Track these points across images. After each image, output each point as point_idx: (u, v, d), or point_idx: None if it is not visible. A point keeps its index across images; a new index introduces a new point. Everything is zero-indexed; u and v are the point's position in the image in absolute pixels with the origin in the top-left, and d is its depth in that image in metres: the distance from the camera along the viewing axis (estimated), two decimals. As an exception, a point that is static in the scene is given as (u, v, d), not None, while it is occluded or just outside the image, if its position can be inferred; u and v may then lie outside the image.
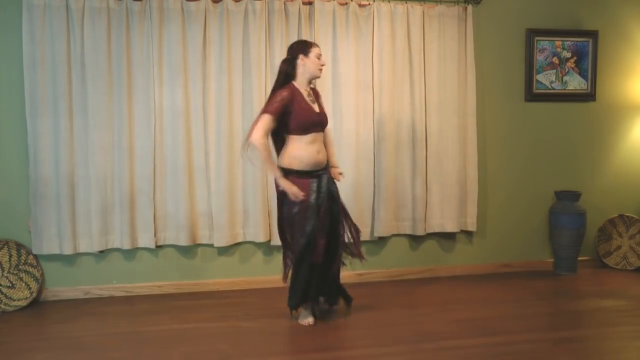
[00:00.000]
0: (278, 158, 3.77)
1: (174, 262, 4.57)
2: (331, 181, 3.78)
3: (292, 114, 3.62)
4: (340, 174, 3.89)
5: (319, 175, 3.69)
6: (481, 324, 3.78)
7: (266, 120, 3.58)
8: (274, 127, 3.64)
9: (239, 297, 4.44)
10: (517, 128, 5.06)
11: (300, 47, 3.71)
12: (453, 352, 3.35)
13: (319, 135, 3.72)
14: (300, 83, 3.72)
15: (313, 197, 3.63)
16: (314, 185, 3.65)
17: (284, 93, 3.62)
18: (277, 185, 3.70)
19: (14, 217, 4.33)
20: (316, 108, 3.72)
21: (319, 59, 3.70)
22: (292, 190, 3.58)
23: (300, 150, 3.65)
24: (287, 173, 3.65)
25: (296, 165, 3.65)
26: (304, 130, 3.64)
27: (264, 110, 3.62)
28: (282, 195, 3.71)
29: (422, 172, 4.79)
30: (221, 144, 4.46)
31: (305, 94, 3.71)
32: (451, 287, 4.66)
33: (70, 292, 4.43)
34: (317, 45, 3.75)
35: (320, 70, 3.74)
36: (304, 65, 3.68)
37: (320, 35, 4.53)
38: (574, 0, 5.09)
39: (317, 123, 3.69)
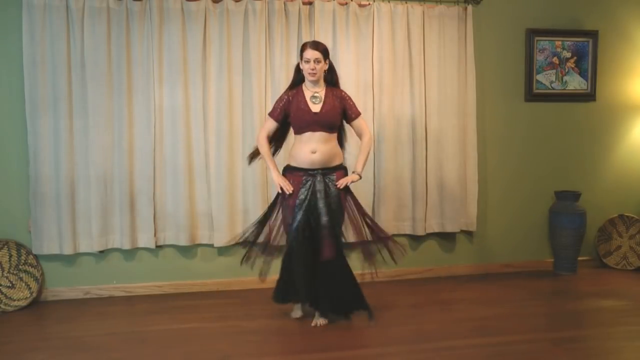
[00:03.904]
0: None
1: (173, 262, 4.57)
2: (325, 182, 3.73)
3: (290, 114, 3.76)
4: (353, 182, 3.79)
5: (314, 175, 3.72)
6: (481, 324, 3.78)
7: (267, 122, 3.85)
8: (279, 126, 3.84)
9: (239, 297, 4.45)
10: (517, 128, 5.06)
11: (300, 51, 3.78)
12: (453, 352, 3.35)
13: (318, 134, 3.70)
14: (307, 84, 3.79)
15: (303, 195, 3.70)
16: (307, 184, 3.71)
17: (283, 95, 3.83)
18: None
19: (14, 217, 4.33)
20: (316, 108, 3.71)
21: (307, 63, 3.69)
22: (281, 183, 3.73)
23: (296, 148, 3.78)
24: (289, 169, 3.80)
25: (293, 162, 3.79)
26: (298, 129, 3.75)
27: (268, 113, 3.88)
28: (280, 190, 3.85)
29: (422, 172, 4.79)
30: (221, 144, 4.46)
31: (309, 94, 3.74)
32: (451, 287, 4.66)
33: (70, 292, 4.43)
34: (311, 47, 3.68)
35: (310, 74, 3.70)
36: (303, 69, 3.75)
37: (320, 35, 4.53)
38: (574, 0, 5.09)
39: (311, 123, 3.69)
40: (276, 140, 3.94)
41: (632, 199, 5.30)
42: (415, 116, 4.75)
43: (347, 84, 4.58)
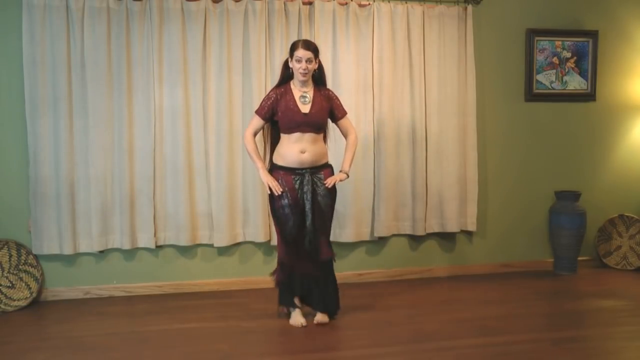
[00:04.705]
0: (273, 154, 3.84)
1: (174, 262, 4.57)
2: (314, 181, 3.71)
3: (278, 113, 3.72)
4: (341, 181, 3.80)
5: (302, 174, 3.70)
6: (481, 324, 3.78)
7: (254, 120, 3.80)
8: (266, 124, 3.81)
9: (239, 297, 4.44)
10: (517, 128, 5.06)
11: (290, 49, 3.73)
12: (453, 352, 3.35)
13: (308, 135, 3.68)
14: (295, 83, 3.75)
15: (294, 194, 3.67)
16: (297, 183, 3.69)
17: (271, 93, 3.79)
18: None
19: (14, 217, 4.33)
20: (306, 109, 3.68)
21: (298, 62, 3.66)
22: (270, 183, 3.67)
23: (284, 148, 3.72)
24: (277, 168, 3.74)
25: (280, 162, 3.73)
26: (287, 129, 3.70)
27: (255, 110, 3.82)
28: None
29: (422, 172, 4.79)
30: (221, 144, 4.46)
31: (297, 94, 3.71)
32: (451, 287, 4.66)
33: (70, 292, 4.42)
34: (303, 47, 3.64)
35: (301, 74, 3.67)
36: (293, 67, 3.71)
37: (320, 35, 4.53)
38: (574, 0, 5.09)
39: (301, 123, 3.66)
40: (272, 139, 3.87)
41: (632, 199, 5.30)
42: (415, 116, 4.75)
43: (347, 84, 4.59)
